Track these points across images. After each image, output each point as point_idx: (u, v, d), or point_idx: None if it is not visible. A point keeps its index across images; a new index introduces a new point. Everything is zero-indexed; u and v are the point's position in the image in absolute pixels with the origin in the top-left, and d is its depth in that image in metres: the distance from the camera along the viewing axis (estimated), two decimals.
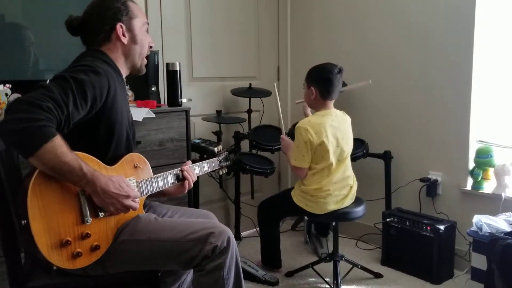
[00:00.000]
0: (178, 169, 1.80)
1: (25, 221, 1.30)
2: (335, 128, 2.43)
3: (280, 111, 2.75)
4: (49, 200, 1.34)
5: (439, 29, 2.82)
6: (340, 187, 2.45)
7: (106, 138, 1.55)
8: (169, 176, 1.73)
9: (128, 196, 1.44)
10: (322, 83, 2.45)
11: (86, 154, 1.44)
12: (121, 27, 1.63)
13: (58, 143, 1.29)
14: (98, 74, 1.45)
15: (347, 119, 2.56)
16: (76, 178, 1.35)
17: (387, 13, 3.07)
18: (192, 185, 1.83)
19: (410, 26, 2.96)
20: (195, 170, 1.89)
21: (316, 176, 2.43)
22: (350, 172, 2.51)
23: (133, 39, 1.66)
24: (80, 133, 1.46)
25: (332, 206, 2.44)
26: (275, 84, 2.91)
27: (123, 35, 1.63)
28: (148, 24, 1.75)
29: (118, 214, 1.49)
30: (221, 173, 2.17)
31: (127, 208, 1.46)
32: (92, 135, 1.51)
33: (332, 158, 2.40)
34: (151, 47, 1.76)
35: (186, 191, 1.83)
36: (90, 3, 1.66)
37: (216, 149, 2.17)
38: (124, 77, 1.70)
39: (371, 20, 3.16)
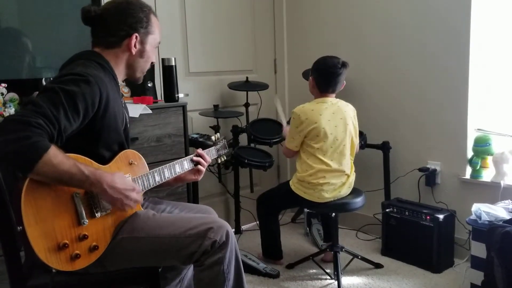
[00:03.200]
0: (175, 161, 1.79)
1: (21, 227, 1.30)
2: (329, 115, 2.47)
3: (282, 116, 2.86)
4: (43, 205, 1.34)
5: (435, 18, 2.80)
6: (337, 175, 2.48)
7: (97, 144, 1.52)
8: (165, 170, 1.72)
9: (133, 189, 1.45)
10: (321, 76, 2.52)
11: (79, 155, 1.42)
12: (136, 38, 1.60)
13: (53, 155, 1.27)
14: (89, 83, 1.41)
15: (349, 109, 2.57)
16: (79, 183, 1.35)
17: (382, 4, 3.06)
18: (204, 169, 1.85)
19: (406, 15, 2.94)
20: (187, 164, 1.86)
21: (310, 161, 2.47)
22: (347, 161, 2.53)
23: (141, 53, 1.64)
24: (70, 141, 1.42)
25: (329, 194, 2.47)
26: (277, 98, 3.07)
27: (135, 46, 1.61)
28: (159, 43, 1.73)
29: (125, 209, 1.48)
30: (219, 161, 2.14)
31: (134, 202, 1.46)
32: (82, 143, 1.48)
33: (325, 144, 2.45)
34: (152, 63, 1.73)
35: (200, 177, 1.86)
36: (113, 1, 1.62)
37: (213, 138, 2.13)
38: (120, 81, 1.67)
39: (367, 12, 3.15)
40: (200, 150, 1.88)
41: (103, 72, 1.54)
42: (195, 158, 1.84)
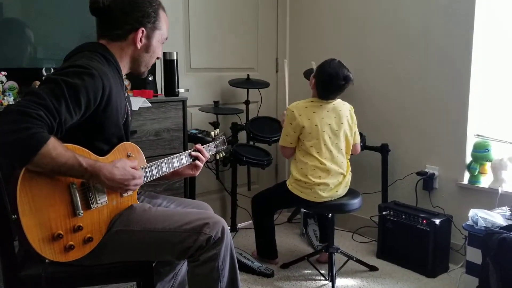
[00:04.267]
0: (173, 156, 1.77)
1: (15, 216, 1.29)
2: (323, 113, 2.48)
3: (287, 87, 2.95)
4: (39, 195, 1.33)
5: (437, 24, 2.80)
6: (332, 174, 2.48)
7: (96, 137, 1.51)
8: (163, 164, 1.71)
9: (134, 178, 1.46)
10: (321, 83, 2.51)
11: (76, 146, 1.41)
12: (143, 32, 1.59)
13: (52, 147, 1.26)
14: (93, 77, 1.40)
15: (344, 108, 2.56)
16: (77, 174, 1.35)
17: (385, 6, 3.05)
18: (202, 164, 1.85)
19: (408, 20, 2.94)
20: (185, 159, 1.85)
21: (305, 159, 2.48)
22: (342, 159, 2.53)
23: (146, 48, 1.63)
24: (69, 133, 1.41)
25: (326, 194, 2.47)
26: (285, 61, 3.15)
27: (140, 40, 1.60)
28: (166, 39, 1.71)
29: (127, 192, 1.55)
30: (218, 157, 2.12)
31: (135, 187, 1.50)
32: (82, 135, 1.47)
33: (318, 142, 2.45)
34: (157, 58, 1.72)
35: (198, 173, 1.86)
36: None
37: (212, 133, 2.12)
38: (123, 74, 1.66)
39: (369, 13, 3.14)
40: (198, 145, 1.87)
41: (107, 65, 1.53)
42: (193, 153, 1.83)
